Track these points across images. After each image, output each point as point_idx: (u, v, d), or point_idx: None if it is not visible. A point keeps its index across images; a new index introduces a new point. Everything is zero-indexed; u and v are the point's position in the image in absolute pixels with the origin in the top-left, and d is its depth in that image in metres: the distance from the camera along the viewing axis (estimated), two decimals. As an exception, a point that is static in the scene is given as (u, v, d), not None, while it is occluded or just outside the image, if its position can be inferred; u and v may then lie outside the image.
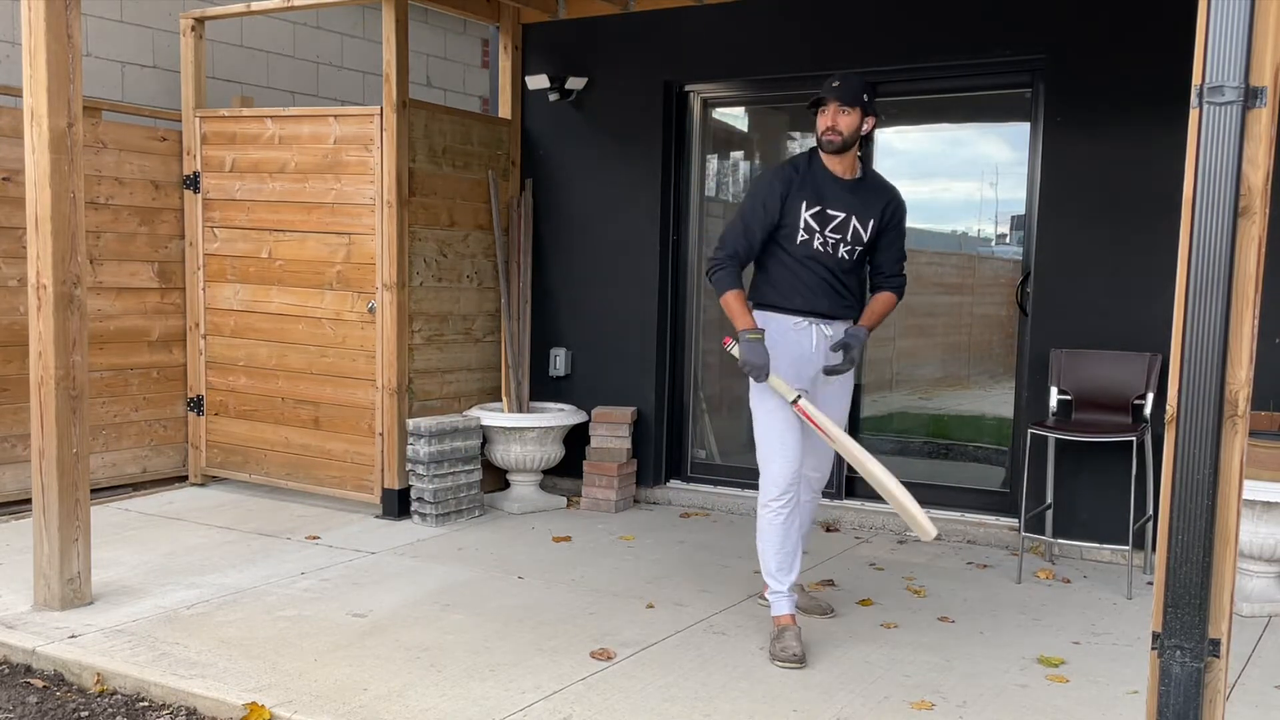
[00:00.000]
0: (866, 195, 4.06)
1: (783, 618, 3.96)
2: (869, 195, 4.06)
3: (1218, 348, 2.32)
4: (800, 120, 6.45)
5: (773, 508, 3.99)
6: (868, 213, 4.04)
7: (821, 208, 3.99)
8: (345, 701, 3.42)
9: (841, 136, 3.94)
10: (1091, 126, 5.17)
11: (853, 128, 3.94)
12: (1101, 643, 4.11)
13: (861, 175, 4.09)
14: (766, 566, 4.03)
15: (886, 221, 4.09)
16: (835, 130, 3.93)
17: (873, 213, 4.05)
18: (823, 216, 3.99)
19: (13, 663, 3.85)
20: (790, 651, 3.80)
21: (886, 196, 4.10)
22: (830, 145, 3.96)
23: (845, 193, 4.02)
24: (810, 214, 3.98)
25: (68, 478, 4.20)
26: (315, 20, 7.71)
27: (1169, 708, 2.42)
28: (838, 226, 4.00)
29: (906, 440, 6.06)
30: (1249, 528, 4.35)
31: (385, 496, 5.83)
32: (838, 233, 4.01)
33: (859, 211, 4.02)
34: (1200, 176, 2.31)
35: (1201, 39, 2.30)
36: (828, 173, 4.03)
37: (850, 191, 4.03)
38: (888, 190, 4.13)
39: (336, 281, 5.91)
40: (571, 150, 6.45)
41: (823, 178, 4.02)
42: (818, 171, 4.03)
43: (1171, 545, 2.39)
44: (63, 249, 4.13)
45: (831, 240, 4.01)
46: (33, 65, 4.06)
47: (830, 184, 4.01)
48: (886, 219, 4.09)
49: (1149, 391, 5.02)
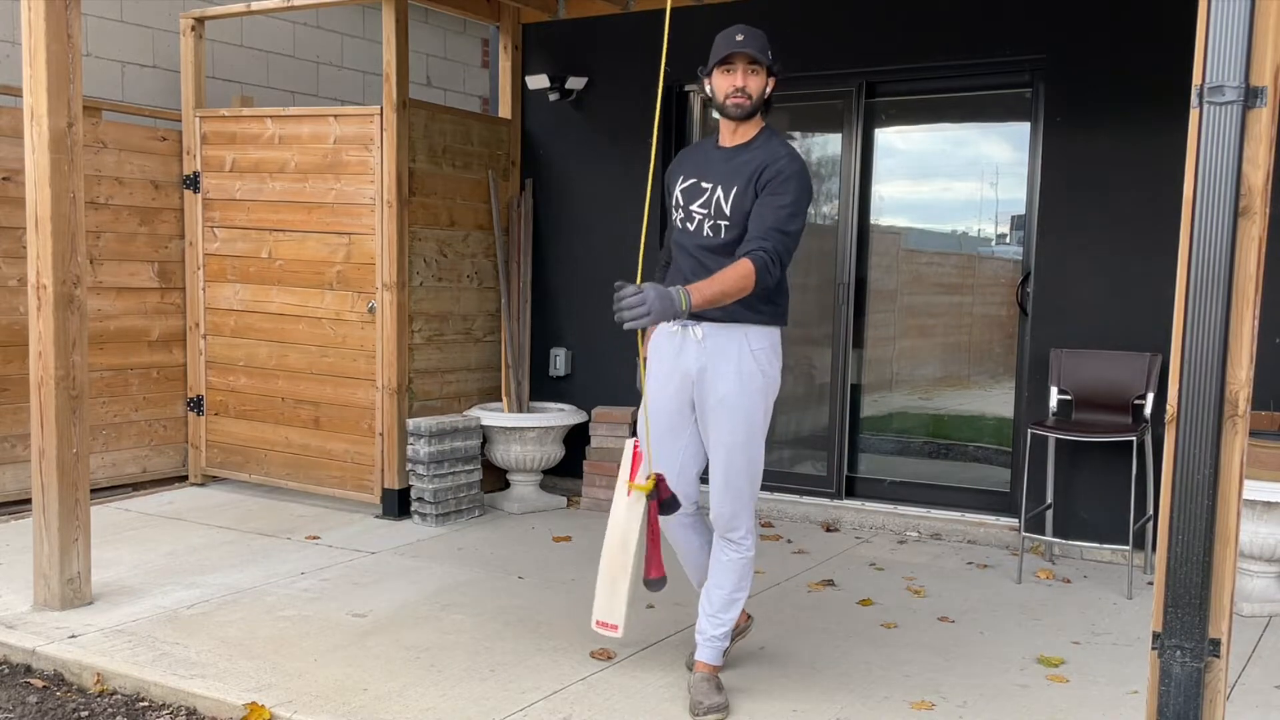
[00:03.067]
0: (742, 162, 3.36)
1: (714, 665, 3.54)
2: (744, 162, 3.36)
3: (1218, 348, 2.32)
4: (800, 120, 6.45)
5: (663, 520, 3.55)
6: (733, 180, 3.34)
7: (696, 180, 3.43)
8: (345, 701, 3.42)
9: (751, 100, 3.34)
10: (1091, 126, 5.17)
11: (760, 88, 3.36)
12: (1101, 643, 4.11)
13: (750, 141, 3.40)
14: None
15: (762, 187, 3.29)
16: (744, 92, 3.33)
17: (738, 180, 3.33)
18: (694, 190, 3.42)
19: (13, 663, 3.85)
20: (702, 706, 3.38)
21: (763, 160, 3.32)
22: (738, 110, 3.35)
23: (720, 161, 3.41)
24: (682, 188, 3.45)
25: (68, 478, 4.20)
26: (315, 20, 7.71)
27: (1169, 708, 2.42)
28: (705, 201, 3.38)
29: (907, 440, 6.06)
30: (1249, 528, 4.35)
31: (385, 496, 5.83)
32: (704, 208, 3.38)
33: (725, 180, 3.36)
34: (1200, 176, 2.31)
35: (1201, 39, 2.30)
36: (714, 142, 3.47)
37: (725, 160, 3.40)
38: (770, 152, 3.34)
39: (336, 281, 5.91)
40: (571, 150, 6.45)
41: (706, 146, 3.49)
42: (707, 144, 3.51)
43: (1171, 545, 2.39)
44: (63, 249, 4.13)
45: (697, 216, 3.40)
46: (33, 65, 4.06)
47: (711, 153, 3.46)
48: (762, 184, 3.29)
49: (1149, 391, 5.02)
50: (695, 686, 3.43)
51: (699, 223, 3.40)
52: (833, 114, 5.95)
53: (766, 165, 3.30)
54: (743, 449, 3.39)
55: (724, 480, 3.43)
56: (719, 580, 3.51)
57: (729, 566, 3.51)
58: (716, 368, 3.36)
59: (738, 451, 3.39)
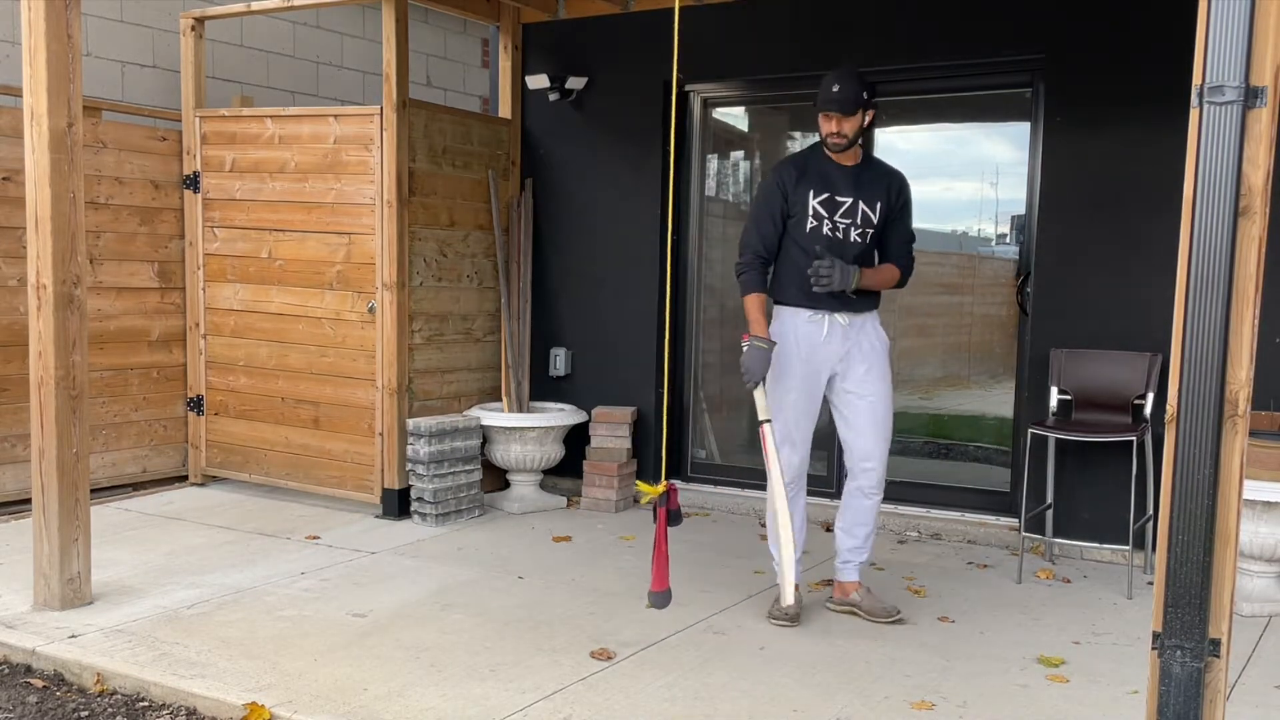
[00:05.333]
0: (871, 179, 4.23)
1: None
2: (874, 179, 4.24)
3: (1218, 348, 2.32)
4: (800, 120, 6.45)
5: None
6: (874, 195, 4.21)
7: (830, 194, 4.16)
8: (345, 701, 3.42)
9: (847, 139, 4.12)
10: (1091, 126, 5.17)
11: (856, 128, 4.11)
12: (1102, 643, 4.11)
13: (864, 161, 4.27)
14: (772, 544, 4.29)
15: (893, 203, 4.25)
16: (840, 135, 4.11)
17: (879, 195, 4.22)
18: (831, 203, 4.17)
19: (13, 663, 3.85)
20: (784, 611, 4.17)
21: (891, 179, 4.27)
22: (836, 148, 4.16)
23: (850, 178, 4.20)
24: (818, 201, 4.16)
25: (68, 478, 4.20)
26: (315, 20, 7.71)
27: (1169, 708, 2.42)
28: (846, 211, 4.18)
29: (907, 440, 6.06)
30: (1249, 528, 4.35)
31: (385, 496, 5.83)
32: (847, 217, 4.18)
33: (865, 195, 4.20)
34: (1200, 176, 2.30)
35: (1201, 39, 2.30)
36: (831, 162, 4.21)
37: (854, 177, 4.21)
38: (893, 173, 4.30)
39: (336, 281, 5.91)
40: (571, 150, 6.45)
41: (828, 166, 4.20)
42: (822, 162, 4.21)
43: (1172, 545, 2.39)
44: (63, 249, 4.13)
45: (842, 225, 4.17)
46: (33, 65, 4.06)
47: (835, 171, 4.19)
48: (893, 200, 4.25)
49: (1149, 391, 5.02)
50: (865, 600, 4.30)
51: (846, 230, 4.18)
52: (833, 114, 5.95)
53: (899, 187, 4.27)
54: (889, 399, 4.29)
55: (879, 430, 4.25)
56: (863, 519, 4.33)
57: (872, 509, 4.35)
58: (860, 344, 4.23)
59: (888, 401, 4.28)
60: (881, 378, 4.26)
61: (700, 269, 6.36)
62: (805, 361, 4.19)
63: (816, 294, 4.13)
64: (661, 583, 3.50)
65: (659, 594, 3.54)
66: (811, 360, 4.19)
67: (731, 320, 6.51)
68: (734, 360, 6.53)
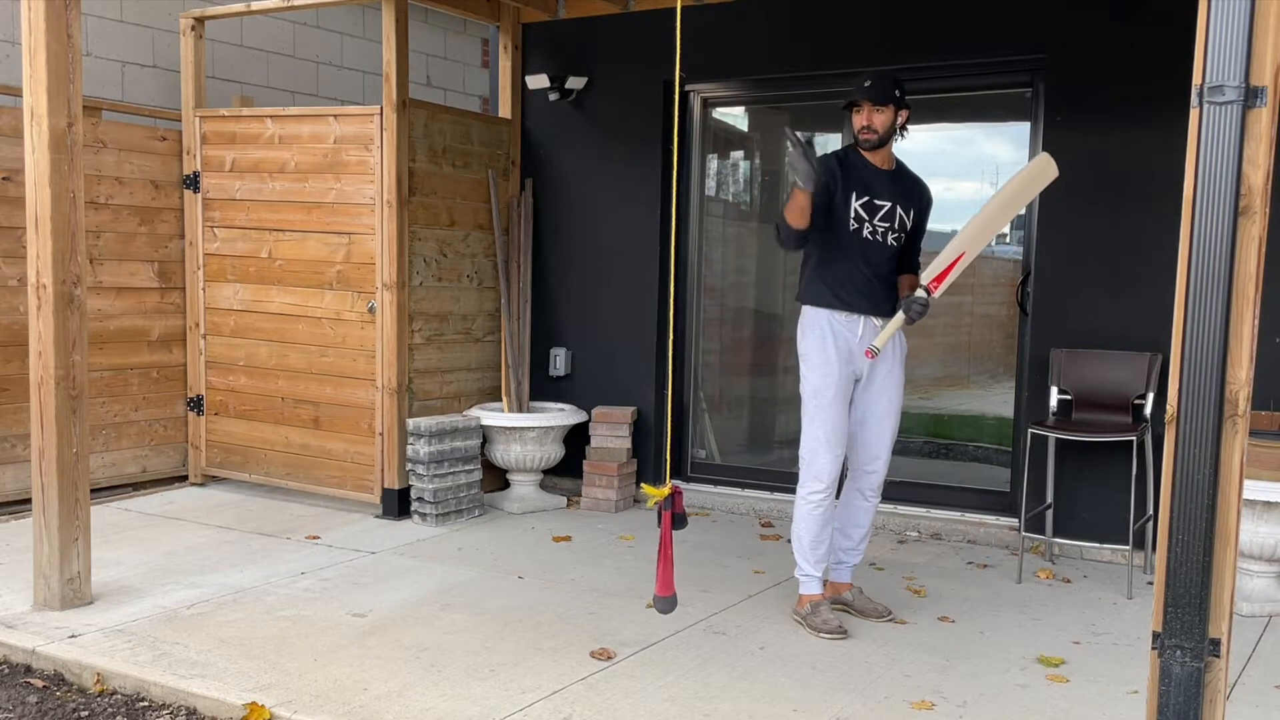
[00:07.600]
0: (906, 185, 4.25)
1: (813, 595, 4.21)
2: (909, 185, 4.26)
3: (1218, 348, 2.32)
4: (800, 120, 6.46)
5: (813, 500, 4.18)
6: (910, 202, 4.23)
7: (870, 198, 4.15)
8: (345, 701, 3.42)
9: (877, 134, 4.11)
10: (1091, 126, 5.17)
11: (887, 124, 4.11)
12: (1102, 642, 4.11)
13: (898, 167, 4.28)
14: (800, 549, 4.23)
15: (921, 211, 4.29)
16: (871, 129, 4.11)
17: (913, 202, 4.24)
18: (871, 206, 4.15)
19: (13, 662, 3.85)
20: (832, 624, 4.09)
21: (921, 188, 4.31)
22: (868, 143, 4.14)
23: (889, 182, 4.19)
24: (860, 204, 4.14)
25: (68, 478, 4.20)
26: (315, 20, 7.71)
27: (1169, 707, 2.42)
28: (885, 215, 4.17)
29: (907, 440, 6.05)
30: (1249, 528, 4.35)
31: (385, 496, 5.83)
32: (886, 221, 4.17)
33: (902, 200, 4.20)
34: (1200, 176, 2.30)
35: (1201, 39, 2.30)
36: (870, 165, 4.19)
37: (892, 181, 4.21)
38: (921, 181, 4.33)
39: (336, 281, 5.91)
40: (571, 150, 6.45)
41: (867, 170, 4.18)
42: (860, 164, 4.18)
43: (1172, 545, 2.39)
44: (63, 249, 4.13)
45: (880, 229, 4.17)
46: (33, 65, 4.06)
47: (874, 175, 4.17)
48: (922, 208, 4.29)
49: (1149, 391, 5.02)
50: (858, 599, 4.35)
51: (884, 233, 4.16)
52: (832, 114, 5.95)
53: (923, 193, 4.29)
54: (901, 403, 4.32)
55: (889, 439, 4.29)
56: (860, 520, 4.35)
57: (871, 511, 4.37)
58: (886, 346, 4.17)
59: (900, 405, 4.32)
60: (899, 383, 4.29)
61: (700, 269, 6.36)
62: (845, 363, 4.16)
63: (851, 298, 4.12)
64: (667, 588, 3.42)
65: (665, 599, 3.42)
66: (851, 362, 4.18)
67: (731, 320, 6.51)
68: (734, 360, 6.53)
